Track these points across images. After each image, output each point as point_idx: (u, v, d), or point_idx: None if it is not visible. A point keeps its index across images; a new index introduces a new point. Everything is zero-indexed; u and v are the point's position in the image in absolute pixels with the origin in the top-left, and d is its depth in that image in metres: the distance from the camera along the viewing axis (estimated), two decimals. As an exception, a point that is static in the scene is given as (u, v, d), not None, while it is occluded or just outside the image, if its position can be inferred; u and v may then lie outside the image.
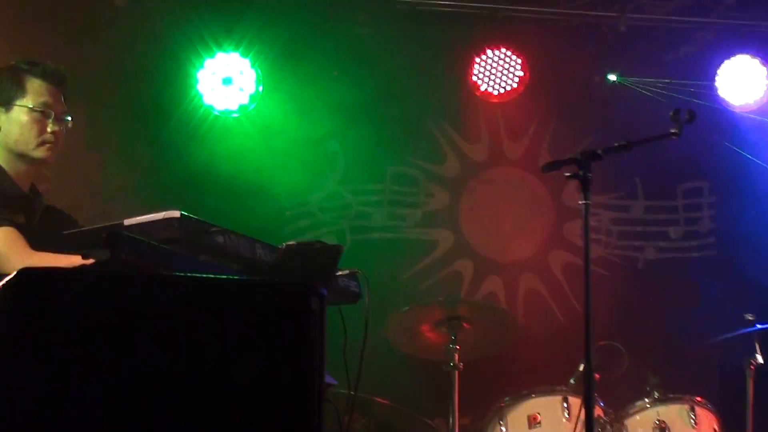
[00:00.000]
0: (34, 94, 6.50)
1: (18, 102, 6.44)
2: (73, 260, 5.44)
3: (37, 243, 6.19)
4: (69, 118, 6.52)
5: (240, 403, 4.48)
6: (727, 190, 10.67)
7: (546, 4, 10.22)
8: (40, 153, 6.40)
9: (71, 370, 4.38)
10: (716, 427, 8.22)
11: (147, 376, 4.40)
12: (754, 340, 8.34)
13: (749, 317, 8.32)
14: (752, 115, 10.37)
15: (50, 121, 6.44)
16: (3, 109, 6.42)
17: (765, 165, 10.55)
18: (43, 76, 6.43)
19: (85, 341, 4.41)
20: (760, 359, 8.25)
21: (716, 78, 10.06)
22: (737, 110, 10.25)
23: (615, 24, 10.20)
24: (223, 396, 4.47)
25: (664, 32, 10.20)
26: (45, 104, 6.41)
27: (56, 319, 4.43)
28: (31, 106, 6.47)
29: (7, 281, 4.54)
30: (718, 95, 9.97)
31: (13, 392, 4.34)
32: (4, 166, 6.44)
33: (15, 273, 4.63)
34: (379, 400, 8.10)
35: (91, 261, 5.08)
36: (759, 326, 8.33)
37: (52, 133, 6.43)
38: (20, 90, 6.45)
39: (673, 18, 10.13)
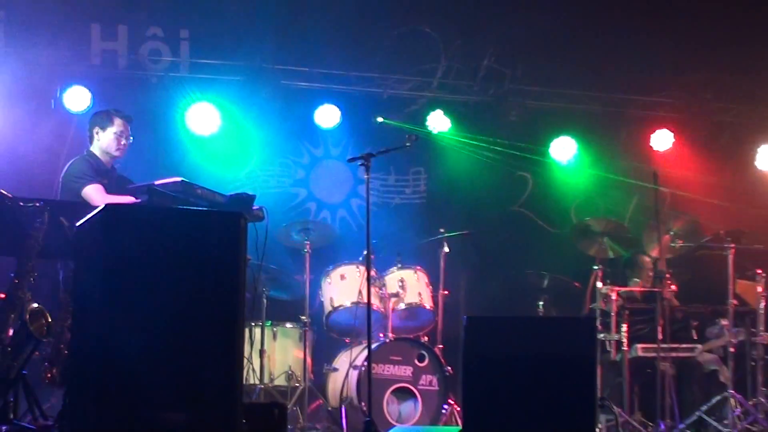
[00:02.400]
0: (117, 125, 10.52)
1: (109, 129, 10.56)
2: (130, 200, 9.33)
3: (112, 192, 10.12)
4: (131, 138, 10.60)
5: (208, 267, 6.92)
6: (433, 171, 14.93)
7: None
8: (117, 153, 10.59)
9: (134, 270, 6.73)
10: (427, 281, 12.46)
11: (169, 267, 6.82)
12: (443, 241, 12.62)
13: (441, 230, 12.73)
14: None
15: (123, 139, 10.51)
16: (102, 130, 10.56)
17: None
18: (122, 117, 10.61)
19: (141, 247, 6.84)
20: (446, 249, 12.58)
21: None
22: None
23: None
24: (199, 264, 6.89)
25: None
26: (121, 132, 10.55)
27: (123, 234, 6.83)
28: (115, 131, 10.56)
29: (97, 211, 7.18)
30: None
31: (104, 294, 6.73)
32: (99, 156, 10.53)
33: (101, 207, 7.38)
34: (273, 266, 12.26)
35: (138, 201, 8.94)
36: (445, 234, 12.60)
37: (123, 145, 10.54)
38: (110, 123, 10.52)
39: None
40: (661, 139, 15.07)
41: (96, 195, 9.97)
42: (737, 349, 12.22)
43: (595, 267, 12.61)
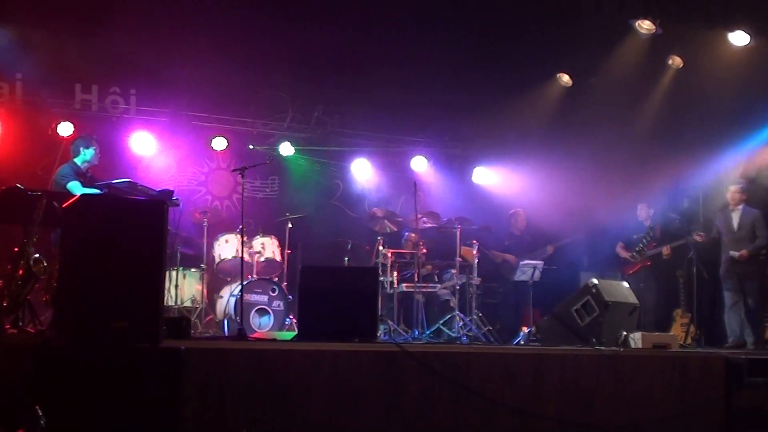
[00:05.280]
0: (95, 145, 10.47)
1: (91, 147, 10.43)
2: (96, 192, 9.50)
3: (86, 187, 9.93)
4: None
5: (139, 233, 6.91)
6: (282, 178, 14.60)
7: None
8: (94, 163, 10.48)
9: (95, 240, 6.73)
10: (278, 244, 12.33)
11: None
12: (288, 220, 12.54)
13: (287, 213, 12.59)
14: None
15: (98, 154, 10.50)
16: (85, 148, 10.39)
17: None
18: (96, 141, 10.70)
19: (103, 221, 6.81)
20: (290, 225, 12.47)
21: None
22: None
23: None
24: (139, 230, 6.85)
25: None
26: (97, 150, 10.46)
27: (92, 213, 6.86)
28: (95, 148, 10.45)
29: (75, 198, 7.23)
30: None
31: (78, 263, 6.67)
32: (79, 164, 10.34)
33: (78, 196, 7.92)
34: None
35: (101, 192, 9.32)
36: (289, 216, 12.56)
37: (97, 157, 10.49)
38: (91, 143, 10.44)
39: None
40: (419, 163, 15.13)
41: (75, 189, 9.84)
42: (461, 287, 12.37)
43: (379, 237, 12.60)
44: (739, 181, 11.86)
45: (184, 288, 12.00)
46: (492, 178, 15.33)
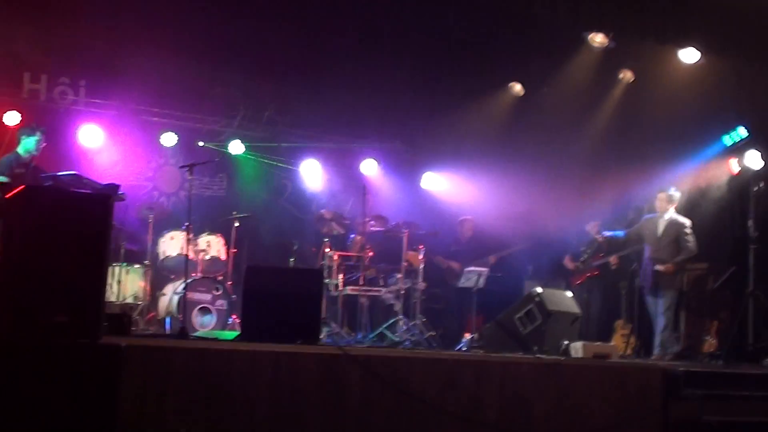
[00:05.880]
0: (38, 135, 10.34)
1: (32, 137, 10.33)
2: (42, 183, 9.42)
3: (28, 177, 9.87)
4: (44, 143, 10.40)
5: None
6: (231, 176, 14.43)
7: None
8: (36, 153, 10.32)
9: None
10: (224, 243, 12.36)
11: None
12: (234, 219, 12.57)
13: (234, 212, 12.62)
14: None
15: (40, 143, 10.35)
16: (26, 137, 10.28)
17: None
18: (40, 130, 10.43)
19: (47, 212, 6.71)
20: (237, 224, 12.47)
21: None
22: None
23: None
24: (83, 224, 6.75)
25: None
26: (41, 140, 10.33)
27: (35, 204, 6.75)
28: (37, 138, 10.35)
29: (19, 190, 7.15)
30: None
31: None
32: (21, 154, 10.21)
33: (23, 187, 7.31)
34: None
35: (48, 183, 9.15)
36: (236, 215, 12.65)
37: (40, 147, 10.36)
38: (33, 133, 10.34)
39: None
40: (369, 166, 15.13)
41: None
42: (406, 292, 12.39)
43: (326, 239, 12.61)
44: (667, 188, 11.74)
45: (126, 284, 11.87)
46: (441, 183, 15.34)
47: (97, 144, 13.35)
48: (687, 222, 11.64)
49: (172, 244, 12.32)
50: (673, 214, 11.67)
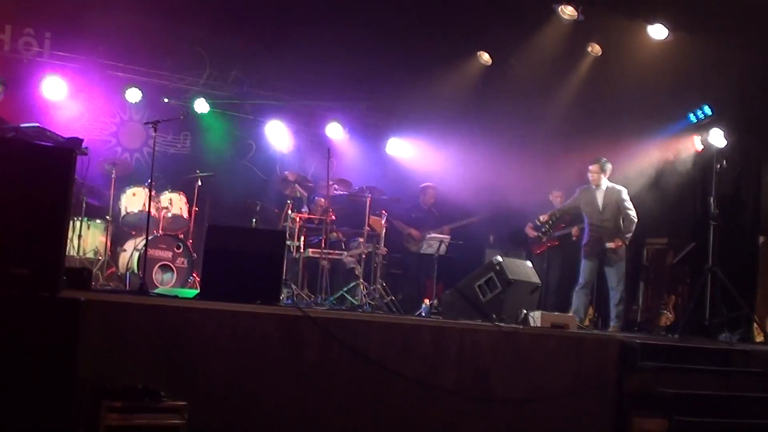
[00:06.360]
0: (1, 85, 10.58)
1: None
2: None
3: None
4: (3, 95, 10.60)
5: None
6: (195, 135, 14.37)
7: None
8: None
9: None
10: (186, 201, 12.28)
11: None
12: (198, 177, 12.54)
13: (197, 171, 12.62)
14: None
15: (1, 94, 10.68)
16: None
17: None
18: (2, 82, 10.75)
19: (13, 164, 6.55)
20: (200, 183, 12.42)
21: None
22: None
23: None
24: (45, 176, 6.59)
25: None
26: (2, 90, 10.49)
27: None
28: None
29: None
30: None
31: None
32: None
33: None
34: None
35: (11, 135, 8.68)
36: (199, 174, 12.91)
37: (1, 98, 10.69)
38: None
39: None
40: (334, 129, 15.13)
41: None
42: (367, 256, 12.48)
43: (289, 201, 12.64)
44: (599, 159, 11.80)
45: (87, 239, 11.85)
46: (407, 150, 15.37)
47: (60, 97, 13.13)
48: (624, 189, 11.75)
49: (134, 200, 12.23)
50: (608, 183, 11.76)
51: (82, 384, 6.40)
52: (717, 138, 12.67)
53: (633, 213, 11.66)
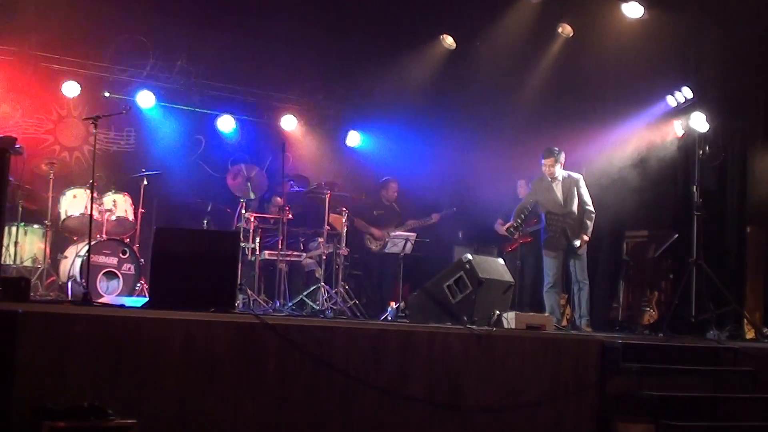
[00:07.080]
0: None
1: None
2: None
3: None
4: None
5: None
6: (139, 131, 14.13)
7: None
8: None
9: None
10: (131, 202, 12.12)
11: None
12: (143, 177, 12.28)
13: (143, 170, 12.37)
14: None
15: None
16: None
17: None
18: None
19: None
20: (145, 183, 12.29)
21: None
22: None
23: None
24: None
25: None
26: None
27: None
28: None
29: None
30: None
31: None
32: None
33: None
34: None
35: None
36: (145, 173, 12.71)
37: None
38: None
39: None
40: (289, 122, 15.11)
41: None
42: (327, 257, 12.45)
43: (242, 200, 12.59)
44: (551, 152, 11.62)
45: (24, 246, 11.72)
46: (367, 142, 15.42)
47: (-10, 92, 13.05)
48: (581, 177, 11.69)
49: (74, 203, 12.04)
50: (563, 172, 11.66)
51: (20, 404, 6.29)
52: (699, 122, 12.58)
53: (591, 206, 11.56)
